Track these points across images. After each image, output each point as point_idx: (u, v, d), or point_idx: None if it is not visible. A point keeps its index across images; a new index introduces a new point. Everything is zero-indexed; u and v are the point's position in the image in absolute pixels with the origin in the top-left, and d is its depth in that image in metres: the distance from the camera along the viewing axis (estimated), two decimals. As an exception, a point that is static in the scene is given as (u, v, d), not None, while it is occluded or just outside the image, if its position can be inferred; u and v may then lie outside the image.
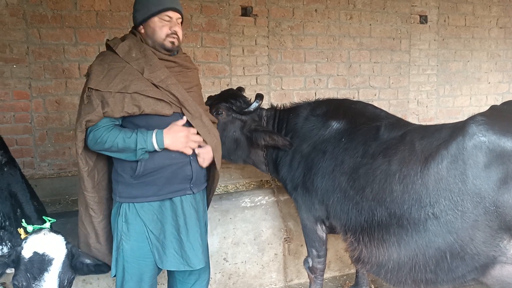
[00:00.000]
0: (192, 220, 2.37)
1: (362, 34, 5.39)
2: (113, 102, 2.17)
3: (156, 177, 2.28)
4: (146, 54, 2.29)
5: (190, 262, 2.33)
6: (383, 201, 2.40)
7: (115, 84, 2.18)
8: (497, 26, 6.15)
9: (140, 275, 2.33)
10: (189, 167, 2.35)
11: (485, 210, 2.10)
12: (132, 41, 2.33)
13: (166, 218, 2.32)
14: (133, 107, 2.19)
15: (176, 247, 2.33)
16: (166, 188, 2.31)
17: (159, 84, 2.24)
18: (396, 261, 2.39)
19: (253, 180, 4.37)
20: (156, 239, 2.31)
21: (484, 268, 2.22)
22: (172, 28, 2.32)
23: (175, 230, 2.33)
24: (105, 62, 2.26)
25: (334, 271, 4.05)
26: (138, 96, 2.19)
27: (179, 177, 2.32)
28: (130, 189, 2.29)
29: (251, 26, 4.76)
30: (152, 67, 2.26)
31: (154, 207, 2.31)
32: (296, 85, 5.16)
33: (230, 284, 3.72)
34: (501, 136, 2.07)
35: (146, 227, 2.30)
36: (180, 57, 2.46)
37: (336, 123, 2.94)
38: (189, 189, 2.37)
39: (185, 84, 2.38)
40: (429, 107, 5.89)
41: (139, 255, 2.32)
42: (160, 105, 2.25)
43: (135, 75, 2.22)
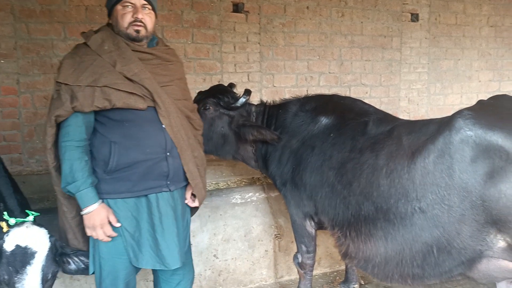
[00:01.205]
0: (169, 218, 2.29)
1: (353, 32, 5.39)
2: (82, 96, 2.10)
3: (130, 173, 2.21)
4: (119, 47, 2.21)
5: (165, 262, 2.28)
6: (370, 196, 2.41)
7: (85, 78, 2.11)
8: (488, 24, 6.17)
9: (115, 272, 2.27)
10: (165, 163, 2.27)
11: (471, 204, 2.11)
12: (106, 33, 2.25)
13: (142, 216, 2.26)
14: (103, 101, 2.12)
15: (152, 245, 2.27)
16: (141, 185, 2.24)
17: (132, 77, 2.17)
18: (383, 255, 2.39)
19: (245, 177, 4.35)
20: (131, 236, 2.25)
21: (470, 263, 2.23)
22: (135, 15, 2.21)
23: (151, 228, 2.26)
24: (77, 55, 2.19)
25: (325, 268, 4.06)
26: (109, 89, 2.12)
27: (154, 173, 2.25)
28: (103, 185, 2.22)
29: (242, 22, 4.75)
30: (125, 60, 2.18)
31: (128, 204, 2.25)
32: (288, 82, 5.15)
33: (220, 281, 3.70)
34: (488, 130, 2.07)
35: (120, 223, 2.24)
36: (159, 49, 2.37)
37: (324, 119, 2.94)
38: (166, 186, 2.30)
39: (164, 77, 2.30)
40: (420, 105, 5.91)
41: (114, 252, 2.26)
42: (132, 99, 2.17)
43: (106, 68, 2.15)
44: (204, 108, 3.09)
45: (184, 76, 2.53)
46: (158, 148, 2.26)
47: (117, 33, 2.25)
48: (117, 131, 2.21)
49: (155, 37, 2.43)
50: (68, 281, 3.18)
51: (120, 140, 2.20)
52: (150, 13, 2.29)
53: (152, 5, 2.30)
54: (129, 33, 2.23)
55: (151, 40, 2.38)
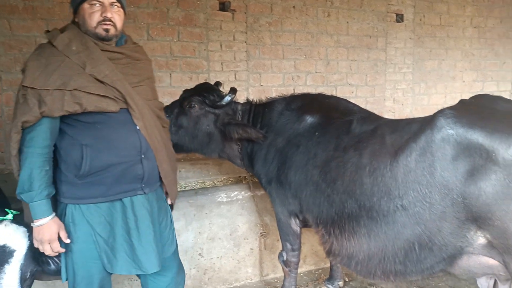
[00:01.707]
0: (145, 222, 2.23)
1: (339, 31, 5.43)
2: (51, 101, 1.99)
3: (104, 177, 2.13)
4: (88, 47, 2.10)
5: (142, 267, 2.22)
6: (353, 194, 2.43)
7: (53, 81, 2.00)
8: (471, 25, 6.26)
9: (90, 277, 2.20)
10: (139, 166, 2.20)
11: (452, 201, 2.14)
12: (73, 33, 2.12)
13: (116, 220, 2.18)
14: (74, 105, 2.02)
15: (128, 250, 2.20)
16: (115, 188, 2.16)
17: (103, 79, 2.08)
18: (366, 252, 2.41)
19: (231, 176, 4.36)
20: (104, 242, 2.17)
21: (451, 259, 2.26)
22: (103, 14, 2.11)
23: (126, 233, 2.19)
24: (42, 57, 2.06)
25: (310, 265, 4.08)
26: (79, 93, 2.02)
27: (129, 176, 2.17)
28: (74, 190, 2.13)
29: (229, 21, 4.74)
30: (94, 61, 2.08)
31: (102, 209, 2.16)
32: (275, 81, 5.16)
33: (205, 280, 3.70)
34: (469, 129, 2.11)
35: (93, 230, 2.16)
36: (128, 48, 2.29)
37: (310, 117, 2.96)
38: (140, 189, 2.23)
39: (134, 77, 2.23)
40: (404, 104, 5.97)
41: (88, 257, 2.18)
42: (104, 102, 2.08)
43: (75, 70, 2.04)
44: (190, 106, 3.08)
45: (153, 74, 2.46)
46: (133, 150, 2.19)
47: (85, 32, 2.15)
48: (89, 134, 2.12)
49: (123, 35, 2.33)
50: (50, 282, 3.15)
51: (92, 143, 2.11)
52: (119, 11, 2.20)
53: (120, 2, 2.21)
54: (98, 33, 2.13)
55: (119, 38, 2.29)
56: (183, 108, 3.12)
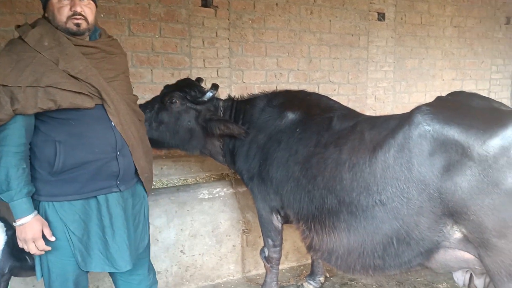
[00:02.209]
0: (119, 220, 2.20)
1: (322, 29, 5.46)
2: (24, 98, 1.94)
3: (78, 174, 2.09)
4: (60, 42, 2.04)
5: (115, 264, 2.20)
6: (333, 189, 2.45)
7: (25, 77, 1.94)
8: (451, 25, 6.37)
9: (65, 275, 2.18)
10: (115, 163, 2.17)
11: (429, 196, 2.18)
12: (44, 28, 2.06)
13: (91, 218, 2.15)
14: (48, 102, 1.97)
15: (101, 248, 2.18)
16: (90, 186, 2.12)
17: (77, 75, 2.03)
18: (346, 247, 2.44)
19: (214, 173, 4.35)
20: (78, 240, 2.14)
21: (428, 253, 2.30)
22: (73, 8, 2.05)
23: (100, 231, 2.17)
24: (13, 53, 2.00)
25: (292, 262, 4.11)
26: (53, 89, 1.98)
27: (104, 173, 2.14)
28: (48, 187, 2.09)
29: (211, 17, 4.73)
30: (68, 57, 2.03)
31: (76, 207, 2.13)
32: (258, 79, 5.17)
33: (187, 276, 3.70)
34: (445, 125, 2.15)
35: (67, 227, 2.13)
36: (103, 42, 2.23)
37: (291, 114, 2.98)
38: (116, 186, 2.19)
39: (109, 72, 2.19)
40: (386, 102, 6.04)
41: (62, 254, 2.15)
42: (79, 98, 2.04)
43: (48, 67, 1.99)
44: (171, 102, 3.07)
45: (127, 68, 2.41)
46: (108, 147, 2.15)
47: (56, 27, 2.08)
48: (63, 130, 2.07)
49: (97, 29, 2.28)
50: (28, 279, 3.11)
51: (66, 139, 2.07)
52: (89, 4, 2.14)
53: None
54: (69, 28, 2.08)
55: (93, 32, 2.24)
56: (164, 104, 3.10)
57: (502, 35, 6.85)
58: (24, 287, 3.10)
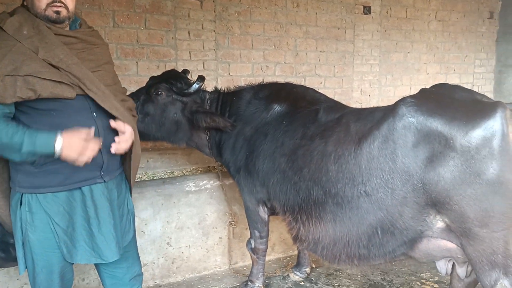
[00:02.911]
0: (104, 210, 2.18)
1: (308, 22, 5.47)
2: (2, 87, 1.90)
3: (61, 165, 2.04)
4: (40, 31, 2.01)
5: (102, 255, 2.18)
6: (319, 181, 2.48)
7: (4, 66, 1.90)
8: (436, 19, 6.44)
9: (50, 267, 2.15)
10: (98, 154, 2.10)
11: (413, 187, 2.21)
12: (23, 16, 2.02)
13: (75, 210, 2.13)
14: (27, 91, 1.93)
15: (87, 239, 2.15)
16: (74, 177, 2.09)
17: (57, 64, 1.98)
18: (332, 237, 2.47)
19: (200, 166, 4.35)
20: (63, 232, 2.12)
21: (412, 242, 2.35)
22: None
23: (85, 222, 2.14)
24: None
25: (278, 253, 4.14)
26: (33, 78, 1.93)
27: (87, 164, 2.07)
28: (31, 178, 2.06)
29: (197, 9, 4.69)
30: (48, 46, 1.99)
31: (59, 198, 2.10)
32: (244, 71, 5.16)
33: (173, 269, 3.70)
34: (428, 116, 2.18)
35: (51, 219, 2.10)
36: (84, 32, 2.20)
37: (277, 106, 2.99)
38: (100, 177, 2.17)
39: (91, 62, 2.15)
40: (371, 96, 6.09)
41: (47, 246, 2.12)
42: (60, 88, 2.00)
43: (27, 55, 1.95)
44: (156, 93, 3.05)
45: (111, 59, 2.38)
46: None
47: (35, 15, 2.04)
48: (43, 121, 2.03)
49: (77, 18, 2.24)
50: (12, 272, 3.08)
51: (48, 131, 2.00)
52: None
53: None
54: (48, 15, 2.03)
55: (73, 22, 2.20)
56: (149, 95, 3.08)
57: (486, 29, 6.94)
58: (8, 280, 3.07)
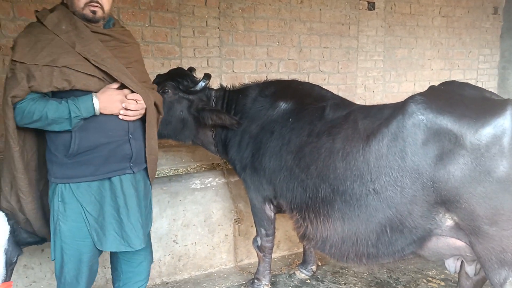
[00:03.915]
0: (133, 200, 2.31)
1: (312, 19, 5.44)
2: (40, 76, 2.04)
3: (92, 156, 2.19)
4: (77, 27, 2.15)
5: (131, 243, 2.29)
6: (327, 178, 2.47)
7: (43, 57, 2.05)
8: (440, 15, 6.39)
9: (79, 256, 2.27)
10: (128, 146, 2.27)
11: (422, 185, 2.20)
12: (62, 13, 2.18)
13: (105, 199, 2.25)
14: (62, 82, 2.08)
15: (116, 228, 2.27)
16: (104, 168, 2.22)
17: (93, 58, 2.13)
18: (340, 235, 2.46)
19: (204, 163, 4.34)
20: (94, 220, 2.24)
21: (421, 241, 2.34)
22: None
23: (115, 211, 2.26)
24: (32, 34, 2.12)
25: (283, 251, 4.14)
26: (68, 70, 2.08)
27: (117, 156, 2.24)
28: (64, 169, 2.19)
29: (201, 6, 4.67)
30: (84, 41, 2.13)
31: (91, 188, 2.23)
32: (248, 68, 5.14)
33: (180, 266, 3.70)
34: (438, 114, 2.16)
35: (83, 208, 2.22)
36: (116, 31, 2.34)
37: (284, 104, 2.98)
38: (129, 168, 2.30)
39: (122, 59, 2.27)
40: (375, 92, 6.07)
41: (77, 235, 2.24)
42: (92, 81, 2.15)
43: (64, 49, 2.10)
44: (163, 92, 3.04)
45: (141, 57, 2.52)
46: (121, 130, 2.25)
47: (73, 12, 2.19)
48: None
49: (111, 18, 2.38)
50: (21, 270, 3.08)
51: (81, 123, 2.15)
52: None
53: None
54: (85, 14, 2.18)
55: (107, 22, 2.33)
56: (156, 94, 3.07)
57: (490, 25, 6.89)
58: (17, 278, 3.07)
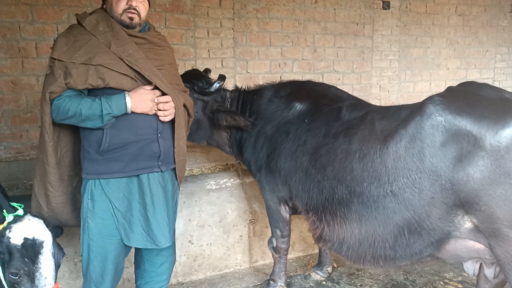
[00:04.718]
0: (160, 198, 2.35)
1: (326, 18, 5.43)
2: (76, 73, 2.14)
3: (122, 153, 2.26)
4: (113, 28, 2.26)
5: (156, 241, 2.34)
6: (343, 180, 2.45)
7: (79, 56, 2.15)
8: (456, 13, 6.32)
9: (105, 253, 2.32)
10: (156, 144, 2.33)
11: (441, 187, 2.17)
12: (100, 15, 2.30)
13: (133, 196, 2.31)
14: (97, 79, 2.16)
15: (144, 225, 2.32)
16: (133, 165, 2.28)
17: (126, 58, 2.21)
18: (357, 237, 2.45)
19: (219, 163, 4.36)
20: (122, 216, 2.30)
21: (439, 243, 2.31)
22: (129, 2, 2.28)
23: (142, 208, 2.31)
24: (71, 34, 2.24)
25: (298, 252, 4.13)
26: (103, 68, 2.17)
27: (146, 154, 2.30)
28: (95, 165, 2.27)
29: (216, 7, 4.70)
30: (119, 41, 2.23)
31: (120, 184, 2.29)
32: (262, 68, 5.15)
33: (195, 266, 3.72)
34: (457, 115, 2.14)
35: (112, 204, 2.28)
36: (151, 34, 2.43)
37: (299, 105, 2.97)
38: (157, 166, 2.35)
39: (155, 61, 2.35)
40: (390, 92, 6.03)
41: (105, 233, 2.30)
42: (125, 80, 2.23)
43: (100, 48, 2.20)
44: (178, 93, 3.06)
45: (174, 61, 2.59)
46: (149, 129, 2.31)
47: (111, 17, 2.30)
48: None
49: (147, 23, 2.48)
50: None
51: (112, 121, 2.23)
52: (144, 1, 2.35)
53: None
54: (122, 20, 2.29)
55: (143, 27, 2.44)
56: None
57: (507, 23, 6.80)
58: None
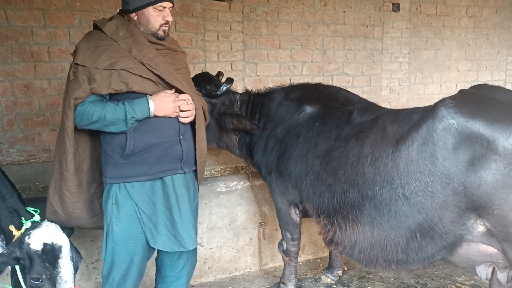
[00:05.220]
0: (184, 199, 2.38)
1: (336, 21, 5.41)
2: (100, 79, 2.17)
3: (146, 156, 2.29)
4: (133, 34, 2.31)
5: (183, 243, 2.36)
6: (355, 183, 2.45)
7: (102, 61, 2.19)
8: (467, 15, 6.28)
9: (131, 257, 2.35)
10: (179, 147, 2.36)
11: (453, 191, 2.16)
12: (119, 21, 2.35)
13: (158, 198, 2.33)
14: (120, 84, 2.20)
15: (170, 227, 2.34)
16: (157, 167, 2.31)
17: (147, 62, 2.26)
18: (369, 240, 2.44)
19: (228, 166, 4.38)
20: (148, 219, 2.32)
21: (451, 247, 2.30)
22: (165, 18, 2.35)
23: (168, 210, 2.34)
24: (92, 40, 2.27)
25: (308, 255, 4.12)
26: (126, 73, 2.21)
27: (169, 156, 2.34)
28: (119, 169, 2.29)
29: (225, 11, 4.71)
30: (140, 46, 2.28)
31: (145, 187, 2.31)
32: (271, 71, 5.16)
33: (205, 269, 3.73)
34: (469, 118, 2.13)
35: (137, 207, 2.30)
36: (168, 40, 2.48)
37: (309, 108, 2.97)
38: (180, 168, 2.39)
39: (172, 65, 2.41)
40: (401, 94, 5.99)
41: (130, 237, 2.32)
42: (147, 84, 2.27)
43: (122, 53, 2.24)
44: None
45: (187, 66, 2.64)
46: (172, 131, 2.34)
47: (145, 32, 2.35)
48: None
49: None
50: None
51: (136, 124, 2.26)
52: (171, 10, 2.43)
53: (173, 3, 2.43)
54: (158, 34, 2.36)
55: None
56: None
57: (519, 24, 6.73)
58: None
